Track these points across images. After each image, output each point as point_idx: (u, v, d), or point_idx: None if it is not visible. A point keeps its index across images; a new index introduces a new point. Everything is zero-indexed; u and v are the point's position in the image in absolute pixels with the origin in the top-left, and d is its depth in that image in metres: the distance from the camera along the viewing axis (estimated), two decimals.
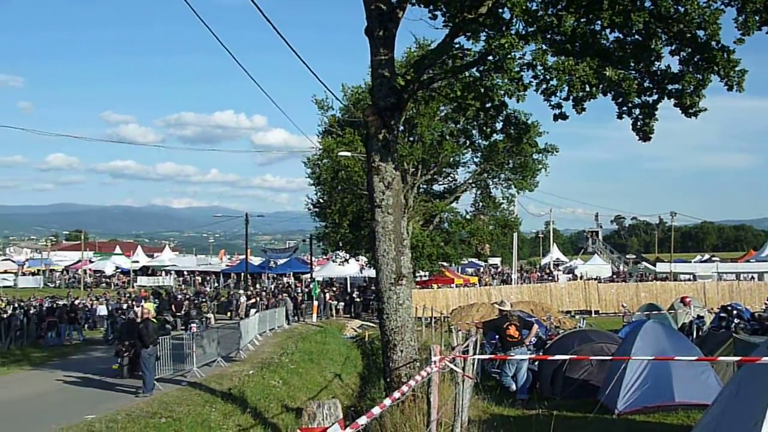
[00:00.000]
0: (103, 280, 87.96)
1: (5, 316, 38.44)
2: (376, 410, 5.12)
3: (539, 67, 12.07)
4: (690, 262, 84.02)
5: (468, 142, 39.39)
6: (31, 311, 39.80)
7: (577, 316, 39.96)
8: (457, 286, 51.00)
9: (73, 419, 14.99)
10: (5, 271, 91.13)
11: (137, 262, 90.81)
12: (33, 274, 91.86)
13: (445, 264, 48.35)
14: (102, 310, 41.79)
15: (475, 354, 13.64)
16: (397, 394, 5.89)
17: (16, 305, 46.27)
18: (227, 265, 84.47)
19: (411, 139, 38.06)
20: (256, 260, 76.39)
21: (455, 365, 9.20)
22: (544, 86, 12.23)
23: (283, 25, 12.14)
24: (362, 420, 4.57)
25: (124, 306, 44.69)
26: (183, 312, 37.72)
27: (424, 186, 42.04)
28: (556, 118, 12.73)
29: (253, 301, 41.09)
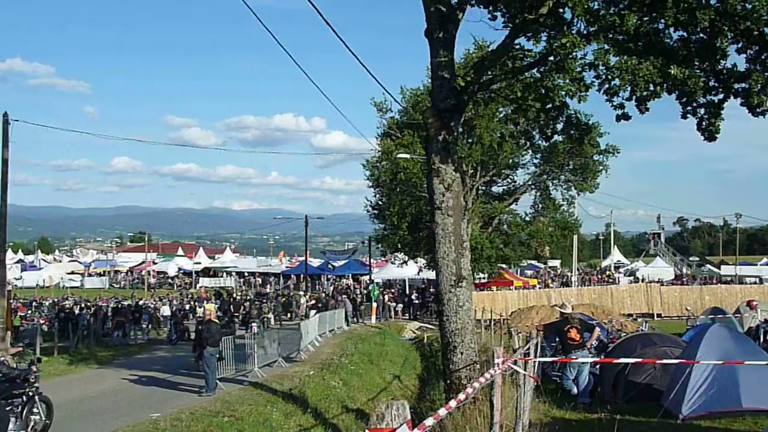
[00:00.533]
0: (166, 281, 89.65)
1: (73, 316, 39.56)
2: (442, 411, 5.13)
3: (601, 67, 11.94)
4: (756, 264, 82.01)
5: (528, 143, 39.05)
6: (101, 312, 40.75)
7: (639, 320, 39.34)
8: (516, 289, 50.66)
9: (138, 417, 15.30)
10: (72, 272, 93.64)
11: (199, 263, 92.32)
12: (99, 275, 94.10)
13: (504, 266, 48.05)
14: (165, 311, 42.56)
15: (536, 357, 13.52)
16: (462, 396, 5.88)
17: (83, 305, 47.52)
18: (287, 267, 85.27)
19: (470, 140, 37.91)
20: (315, 262, 76.94)
21: (517, 367, 9.14)
22: (607, 86, 12.09)
23: (342, 27, 12.22)
24: (429, 421, 4.58)
25: (187, 307, 45.55)
26: (243, 312, 38.19)
27: (483, 188, 41.82)
28: (618, 118, 12.56)
29: (312, 302, 41.38)
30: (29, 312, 48.01)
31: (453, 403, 5.50)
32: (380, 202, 42.42)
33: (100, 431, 14.07)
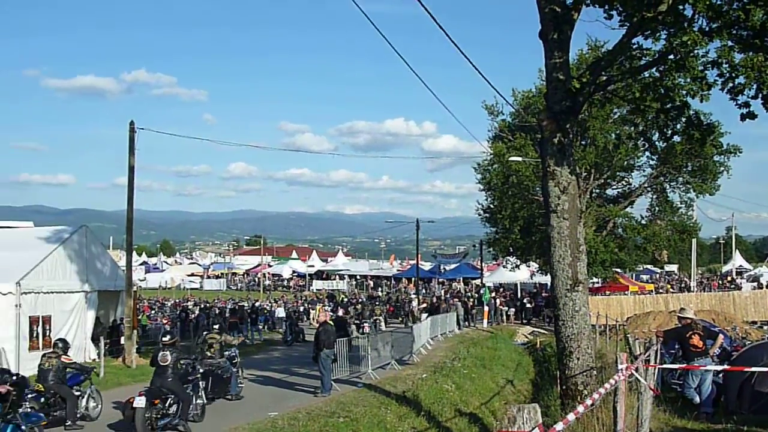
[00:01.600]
0: (281, 283, 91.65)
1: (192, 316, 41.00)
2: (571, 417, 5.05)
3: (725, 65, 11.50)
4: None
5: (647, 144, 37.89)
6: (221, 313, 42.02)
7: (764, 327, 37.58)
8: (631, 294, 49.29)
9: (257, 415, 15.68)
10: (192, 274, 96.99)
11: (312, 266, 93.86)
12: (217, 277, 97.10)
13: (618, 270, 46.84)
14: (280, 312, 43.49)
15: (656, 364, 13.10)
16: (588, 402, 5.75)
17: (202, 306, 49.16)
18: (398, 270, 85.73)
19: (583, 143, 37.16)
20: (426, 265, 77.11)
21: (639, 375, 8.90)
22: (731, 85, 11.63)
23: (454, 31, 12.20)
24: (559, 426, 4.53)
25: (301, 309, 46.43)
26: (356, 314, 38.63)
27: (597, 191, 40.88)
28: (743, 117, 12.04)
29: (424, 305, 41.47)
30: (152, 312, 50.05)
31: (581, 408, 5.40)
32: (492, 206, 42.06)
33: (221, 427, 14.47)
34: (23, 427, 11.31)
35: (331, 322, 20.80)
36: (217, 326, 20.83)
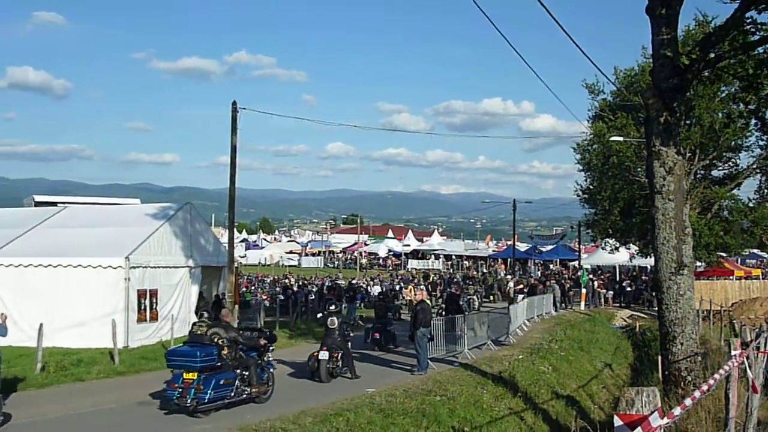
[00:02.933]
0: (377, 262, 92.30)
1: (291, 293, 41.78)
2: (688, 402, 4.90)
3: None
4: None
5: (759, 124, 36.28)
6: (317, 290, 42.66)
7: None
8: (737, 279, 47.60)
9: (355, 391, 15.88)
10: (290, 252, 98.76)
11: (408, 245, 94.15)
12: (314, 255, 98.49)
13: (723, 255, 45.20)
14: (377, 290, 43.79)
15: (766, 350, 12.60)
16: (705, 387, 5.56)
17: (301, 283, 50.03)
18: (494, 251, 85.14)
19: (687, 122, 35.87)
20: (522, 246, 76.24)
21: (750, 362, 8.57)
22: None
23: (552, 4, 11.94)
24: (677, 411, 4.42)
25: (397, 288, 46.65)
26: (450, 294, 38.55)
27: (702, 172, 39.45)
28: None
29: (520, 286, 41.01)
30: (252, 288, 51.23)
31: (698, 394, 5.23)
32: (591, 187, 41.14)
33: (321, 401, 14.71)
34: (272, 370, 15.67)
35: (427, 301, 20.86)
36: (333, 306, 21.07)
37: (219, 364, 13.98)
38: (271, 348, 15.94)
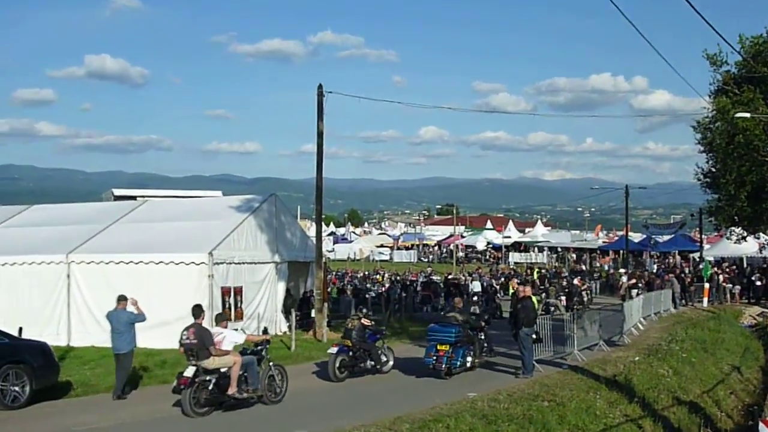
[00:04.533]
0: (475, 255, 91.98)
1: (383, 290, 42.02)
2: None
3: None
4: None
5: None
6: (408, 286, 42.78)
7: None
8: None
9: (454, 395, 15.96)
10: (381, 245, 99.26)
11: (509, 237, 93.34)
12: (407, 248, 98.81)
13: None
14: (476, 287, 43.61)
15: None
16: None
17: (394, 279, 50.31)
18: (604, 242, 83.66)
19: None
20: (636, 236, 74.68)
21: None
22: None
23: None
24: None
25: (496, 284, 46.43)
26: (560, 289, 38.21)
27: None
28: None
29: (634, 281, 40.27)
30: (341, 284, 51.73)
31: None
32: (713, 169, 39.95)
33: (417, 405, 14.84)
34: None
35: (534, 298, 20.75)
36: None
37: (460, 339, 18.92)
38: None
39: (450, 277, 49.03)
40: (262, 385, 15.43)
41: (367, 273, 62.20)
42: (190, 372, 14.46)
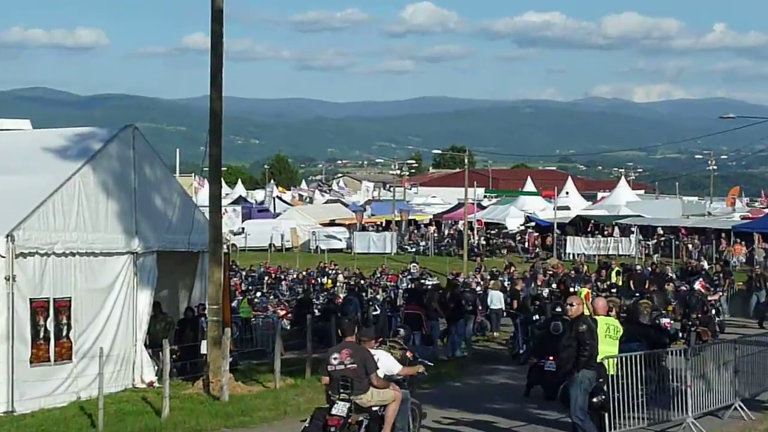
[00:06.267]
0: (503, 242, 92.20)
1: (335, 302, 42.50)
2: None
3: None
4: None
5: None
6: None
7: None
8: None
9: None
10: (332, 223, 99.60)
11: (566, 207, 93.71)
12: (379, 228, 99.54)
13: None
14: (496, 299, 43.67)
15: None
16: None
17: (355, 284, 50.81)
18: (743, 217, 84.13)
19: None
20: None
21: None
22: None
23: None
24: None
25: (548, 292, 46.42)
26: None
27: None
28: None
29: None
30: (257, 293, 51.84)
31: None
32: None
33: None
34: None
35: (598, 318, 20.42)
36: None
37: None
38: None
39: (456, 278, 48.99)
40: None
41: (306, 273, 62.15)
42: (342, 409, 15.97)
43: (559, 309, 25.72)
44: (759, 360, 26.02)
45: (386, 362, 17.03)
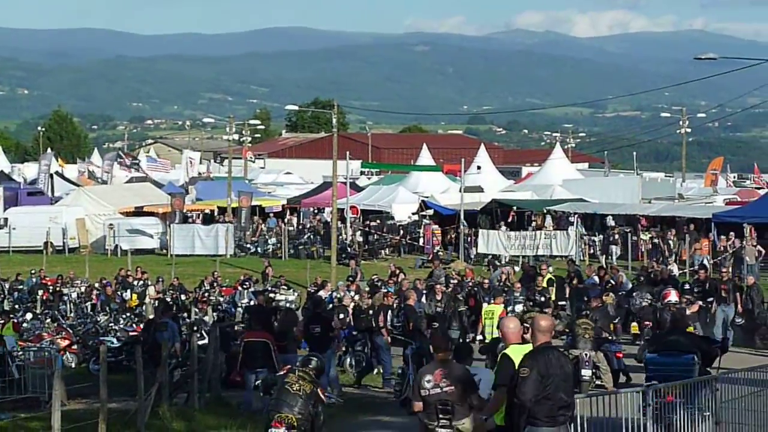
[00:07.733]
0: (383, 240, 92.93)
1: (133, 333, 42.97)
2: None
3: None
4: None
5: None
6: None
7: None
8: None
9: None
10: (141, 212, 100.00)
11: (478, 188, 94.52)
12: (206, 218, 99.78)
13: None
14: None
15: None
16: None
17: (165, 303, 51.41)
18: (727, 201, 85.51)
19: None
20: None
21: None
22: None
23: None
24: None
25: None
26: None
27: None
28: None
29: None
30: (31, 314, 52.17)
31: None
32: None
33: None
34: None
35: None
36: None
37: None
38: None
39: (317, 293, 49.55)
40: None
41: (100, 285, 62.32)
42: None
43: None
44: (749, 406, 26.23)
45: (488, 381, 17.66)
